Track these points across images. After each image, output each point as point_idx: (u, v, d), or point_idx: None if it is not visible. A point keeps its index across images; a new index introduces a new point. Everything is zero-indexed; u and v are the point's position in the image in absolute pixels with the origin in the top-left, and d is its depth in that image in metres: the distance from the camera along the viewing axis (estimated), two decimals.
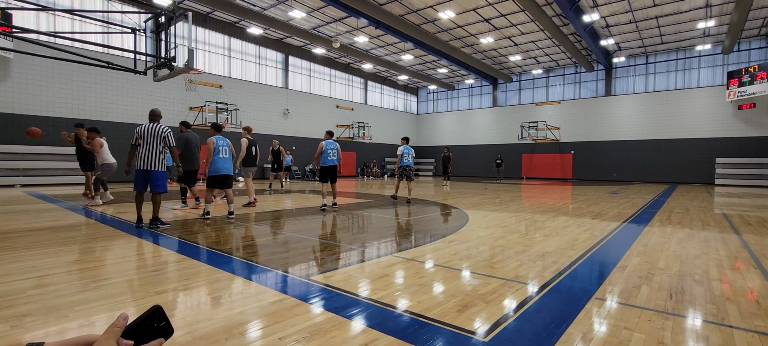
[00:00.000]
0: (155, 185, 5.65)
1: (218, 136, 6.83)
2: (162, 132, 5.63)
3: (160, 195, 5.73)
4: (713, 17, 18.16)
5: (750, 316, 2.54)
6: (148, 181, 5.63)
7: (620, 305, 2.73)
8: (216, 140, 6.75)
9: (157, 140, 5.60)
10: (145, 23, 8.17)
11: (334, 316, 2.46)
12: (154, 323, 0.68)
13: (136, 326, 0.66)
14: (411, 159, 10.05)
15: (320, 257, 4.13)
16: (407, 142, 10.22)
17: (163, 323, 0.69)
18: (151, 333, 0.67)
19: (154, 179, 5.63)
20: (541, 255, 4.18)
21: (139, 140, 5.56)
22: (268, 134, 21.64)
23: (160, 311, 0.69)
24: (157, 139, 5.59)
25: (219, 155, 6.78)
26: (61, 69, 14.88)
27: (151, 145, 5.57)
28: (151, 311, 0.68)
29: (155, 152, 5.59)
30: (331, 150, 8.10)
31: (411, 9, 17.98)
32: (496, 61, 25.97)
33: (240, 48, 21.54)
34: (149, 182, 5.64)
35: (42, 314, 2.44)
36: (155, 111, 5.80)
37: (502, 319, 2.45)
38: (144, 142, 5.56)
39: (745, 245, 4.87)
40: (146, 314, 0.67)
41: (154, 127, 5.61)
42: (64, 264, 3.65)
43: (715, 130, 21.56)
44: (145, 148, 5.55)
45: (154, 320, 0.68)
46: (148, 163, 5.56)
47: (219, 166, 6.79)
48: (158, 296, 2.82)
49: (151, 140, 5.57)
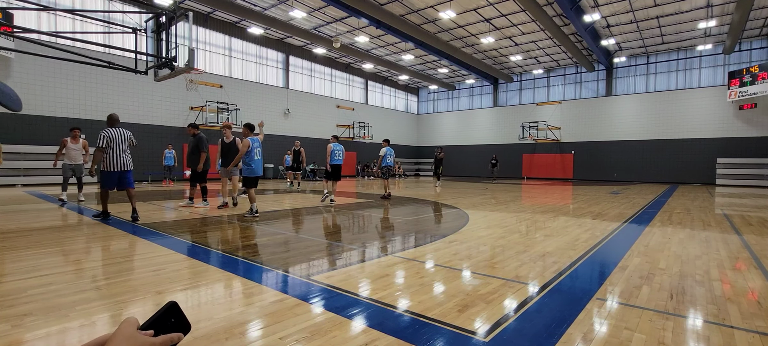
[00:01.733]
0: (129, 182, 6.28)
1: (253, 138, 6.99)
2: (128, 135, 6.26)
3: (133, 190, 6.35)
4: (714, 17, 18.14)
5: (751, 316, 2.53)
6: (120, 181, 6.19)
7: (621, 305, 2.73)
8: (251, 142, 6.91)
9: (126, 143, 6.20)
10: (145, 23, 8.18)
11: (334, 316, 2.46)
12: (171, 319, 0.67)
13: (153, 322, 0.65)
14: (392, 160, 10.99)
15: (321, 257, 4.13)
16: (388, 144, 11.03)
17: (180, 318, 0.68)
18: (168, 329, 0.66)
19: (128, 178, 6.27)
20: (542, 255, 4.17)
21: (111, 144, 6.02)
22: (269, 134, 21.65)
23: (176, 307, 0.68)
24: (126, 142, 6.20)
25: (254, 156, 6.96)
26: (62, 69, 14.91)
27: (122, 148, 6.14)
28: (167, 307, 0.67)
29: (126, 154, 6.20)
30: (337, 151, 9.41)
31: (412, 9, 17.98)
32: (496, 61, 25.96)
33: (241, 48, 21.55)
34: (122, 181, 6.21)
35: (43, 313, 2.44)
36: (115, 116, 6.27)
37: (502, 319, 2.45)
38: (116, 145, 6.06)
39: (746, 246, 4.86)
40: (162, 310, 0.67)
41: (121, 131, 6.16)
42: (65, 264, 3.65)
43: (716, 130, 21.53)
44: (117, 151, 6.07)
45: (171, 316, 0.67)
46: (122, 164, 6.15)
47: (254, 167, 6.96)
48: (158, 295, 2.82)
49: (121, 143, 6.13)
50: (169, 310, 0.67)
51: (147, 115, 17.67)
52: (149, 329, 0.63)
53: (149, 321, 0.65)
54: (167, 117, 18.37)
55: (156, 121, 17.94)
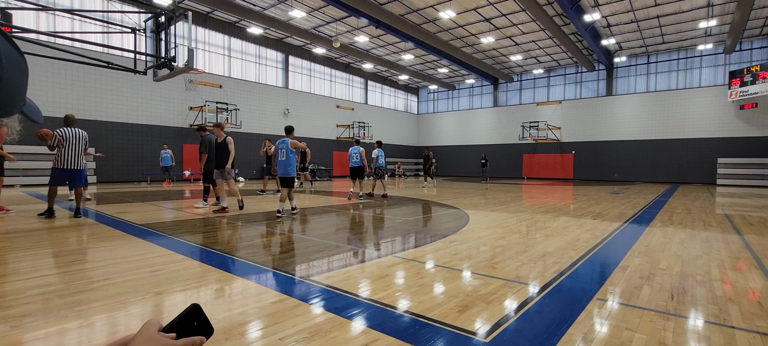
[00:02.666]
0: (79, 181, 6.49)
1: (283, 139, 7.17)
2: (85, 136, 6.44)
3: (82, 188, 6.62)
4: (715, 17, 18.13)
5: (752, 316, 2.53)
6: (71, 179, 6.37)
7: (621, 305, 2.72)
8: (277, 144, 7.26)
9: (81, 143, 6.36)
10: (145, 23, 8.17)
11: (334, 316, 2.45)
12: (193, 322, 0.66)
13: (175, 325, 0.64)
14: (383, 161, 11.93)
15: (320, 257, 4.12)
16: (380, 146, 11.85)
17: (202, 321, 0.67)
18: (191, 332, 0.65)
19: (79, 176, 6.46)
20: (542, 255, 4.16)
21: (62, 143, 6.18)
22: (269, 134, 21.65)
23: (199, 310, 0.67)
24: (80, 142, 6.36)
25: (279, 157, 7.12)
26: (61, 69, 14.90)
27: (76, 147, 6.30)
28: (190, 310, 0.66)
29: (79, 153, 6.36)
30: (354, 154, 10.64)
31: (411, 8, 17.97)
32: (496, 60, 25.94)
33: (240, 48, 21.54)
34: (73, 179, 6.40)
35: (41, 314, 2.43)
36: (70, 116, 6.44)
37: (502, 319, 2.44)
38: (69, 144, 6.23)
39: (747, 246, 4.85)
40: (185, 312, 0.66)
41: (76, 131, 6.32)
42: (64, 264, 3.64)
43: (717, 130, 21.52)
44: (69, 149, 6.24)
45: (193, 319, 0.66)
46: (74, 163, 6.32)
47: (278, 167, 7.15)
48: (158, 296, 2.81)
49: (75, 143, 6.29)
50: (191, 313, 0.66)
51: (146, 115, 17.66)
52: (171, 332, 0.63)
53: (171, 323, 0.64)
54: (166, 117, 18.36)
55: (155, 122, 17.93)
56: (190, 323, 0.65)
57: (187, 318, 0.65)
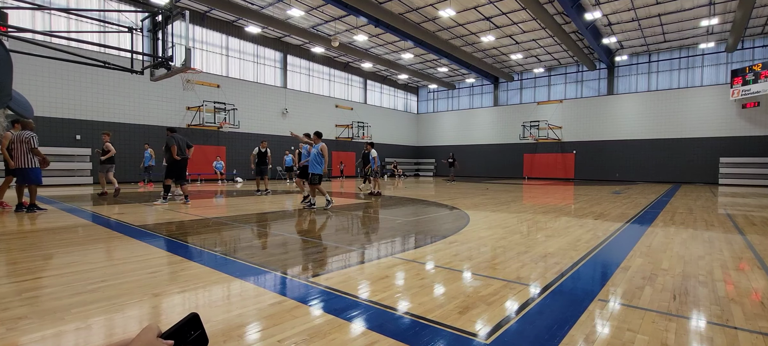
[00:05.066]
0: (28, 179, 7.02)
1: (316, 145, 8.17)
2: (25, 137, 6.92)
3: (35, 186, 7.17)
4: (716, 15, 18.08)
5: (754, 317, 2.50)
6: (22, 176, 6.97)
7: (623, 306, 2.69)
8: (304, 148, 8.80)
9: (22, 145, 6.91)
10: (142, 22, 8.15)
11: (333, 318, 2.43)
12: (191, 331, 0.67)
13: (174, 333, 0.65)
14: (378, 161, 12.78)
15: (320, 258, 4.09)
16: (372, 147, 12.72)
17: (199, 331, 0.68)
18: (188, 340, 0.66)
19: (27, 174, 6.98)
20: (543, 256, 4.14)
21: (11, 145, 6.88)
22: (267, 134, 21.63)
23: (197, 319, 0.68)
24: (22, 144, 6.91)
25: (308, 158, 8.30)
26: (57, 69, 14.85)
27: (19, 149, 6.85)
28: (188, 319, 0.67)
29: (22, 154, 6.91)
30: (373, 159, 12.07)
31: (411, 7, 17.93)
32: (497, 59, 25.90)
33: (238, 47, 21.50)
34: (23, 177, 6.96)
35: (38, 316, 2.41)
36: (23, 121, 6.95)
37: (503, 321, 2.42)
38: (15, 146, 6.85)
39: (750, 246, 4.83)
40: (183, 321, 0.67)
41: (19, 134, 6.91)
42: (60, 266, 3.62)
43: (719, 129, 21.47)
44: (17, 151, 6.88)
45: (191, 328, 0.67)
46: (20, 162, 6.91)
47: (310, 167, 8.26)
48: (155, 298, 2.79)
49: (17, 145, 6.85)
50: (190, 321, 0.68)
51: (143, 115, 17.62)
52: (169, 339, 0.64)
53: (170, 331, 0.65)
54: (164, 117, 18.32)
55: (152, 122, 17.89)
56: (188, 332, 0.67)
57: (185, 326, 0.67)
